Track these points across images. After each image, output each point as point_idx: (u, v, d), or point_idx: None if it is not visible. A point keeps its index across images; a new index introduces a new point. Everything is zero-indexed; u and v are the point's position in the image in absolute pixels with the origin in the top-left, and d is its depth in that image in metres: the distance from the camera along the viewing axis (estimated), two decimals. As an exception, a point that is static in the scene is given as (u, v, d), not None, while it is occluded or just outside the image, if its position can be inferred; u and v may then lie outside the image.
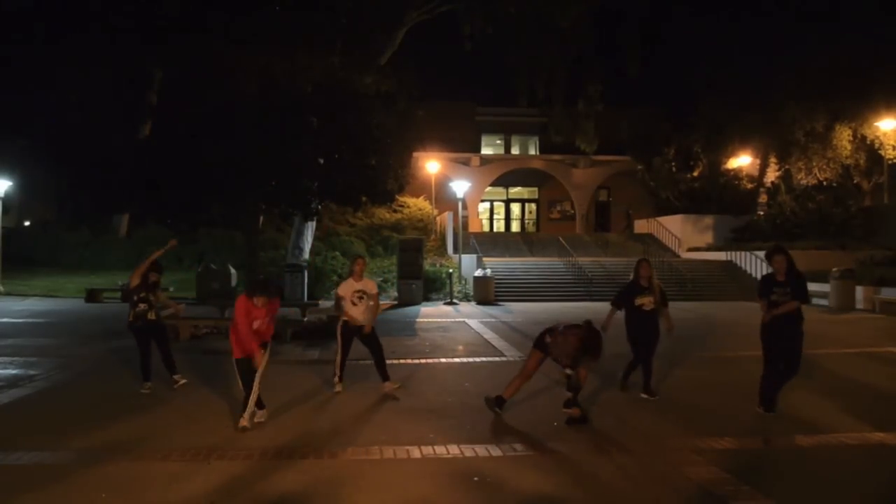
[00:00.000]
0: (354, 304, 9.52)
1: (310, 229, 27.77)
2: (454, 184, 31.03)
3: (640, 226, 42.96)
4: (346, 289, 9.66)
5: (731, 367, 11.78)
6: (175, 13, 16.09)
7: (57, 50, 19.83)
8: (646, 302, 9.45)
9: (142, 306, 9.78)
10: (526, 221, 50.80)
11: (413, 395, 9.56)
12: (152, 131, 16.22)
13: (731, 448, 7.05)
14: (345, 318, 9.59)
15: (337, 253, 31.27)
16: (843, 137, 33.64)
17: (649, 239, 39.21)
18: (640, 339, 9.62)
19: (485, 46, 28.75)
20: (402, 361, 12.50)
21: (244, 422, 7.71)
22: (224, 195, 15.11)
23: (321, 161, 15.85)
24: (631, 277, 9.72)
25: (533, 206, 50.70)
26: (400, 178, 17.95)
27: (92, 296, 24.73)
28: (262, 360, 8.02)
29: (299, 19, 16.55)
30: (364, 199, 17.01)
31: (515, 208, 51.24)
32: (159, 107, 16.29)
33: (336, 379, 9.80)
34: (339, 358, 9.77)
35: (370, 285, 9.79)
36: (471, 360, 12.90)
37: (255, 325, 8.01)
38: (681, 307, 23.83)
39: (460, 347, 14.42)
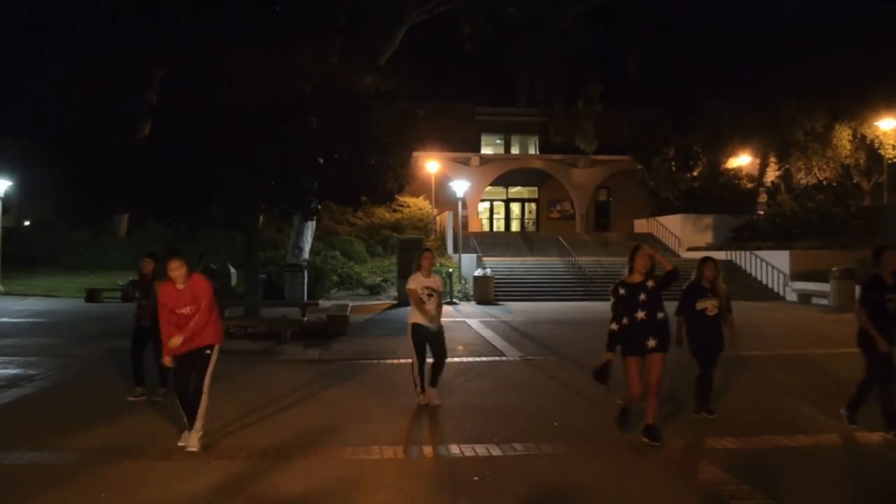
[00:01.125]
0: (423, 301, 8.90)
1: (310, 229, 27.76)
2: (454, 183, 31.04)
3: (640, 225, 42.98)
4: (417, 284, 9.01)
5: (730, 367, 11.79)
6: (175, 13, 16.05)
7: (56, 49, 19.79)
8: (709, 306, 8.27)
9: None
10: (526, 221, 50.77)
11: (413, 395, 9.55)
12: (152, 131, 16.17)
13: (732, 448, 7.05)
14: (413, 322, 8.98)
15: (337, 253, 31.31)
16: (843, 137, 33.60)
17: (649, 239, 39.18)
18: (702, 348, 8.36)
19: (485, 46, 28.74)
20: (402, 361, 12.50)
21: (192, 445, 6.81)
22: (224, 195, 15.07)
23: (321, 161, 15.82)
24: (691, 277, 8.52)
25: (533, 205, 50.66)
26: (400, 178, 17.90)
27: (92, 296, 24.74)
28: (168, 358, 6.98)
29: (299, 19, 16.53)
30: (364, 198, 16.96)
31: (515, 208, 51.21)
32: (159, 107, 16.22)
33: (418, 389, 8.97)
34: (415, 366, 8.96)
35: (438, 281, 9.16)
36: (471, 359, 12.90)
37: (180, 312, 6.96)
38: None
39: (460, 347, 14.42)
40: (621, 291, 7.28)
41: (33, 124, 19.88)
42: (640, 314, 7.06)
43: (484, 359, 12.90)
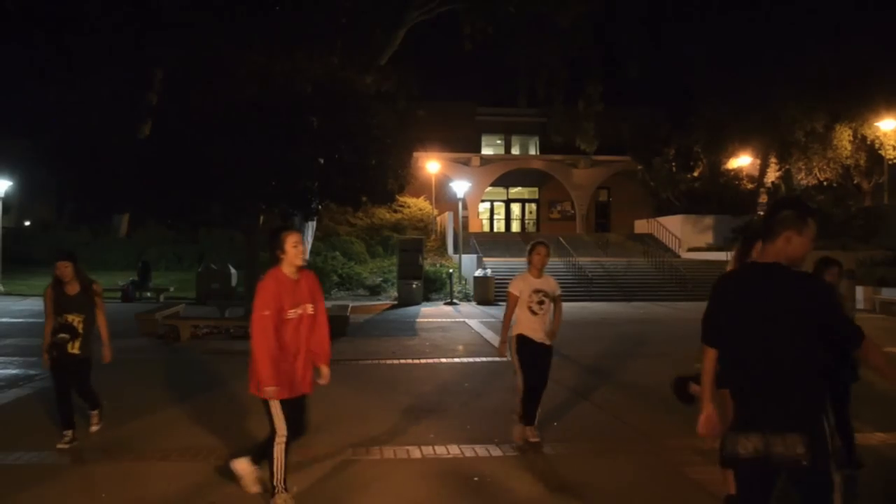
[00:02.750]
0: (534, 311, 7.04)
1: (310, 229, 27.75)
2: (454, 184, 31.07)
3: (641, 226, 42.99)
4: (524, 286, 7.15)
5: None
6: (175, 13, 16.07)
7: (57, 50, 19.81)
8: None
9: (62, 335, 7.09)
10: (526, 221, 50.81)
11: (413, 395, 9.55)
12: (152, 131, 16.19)
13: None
14: (520, 332, 7.08)
15: (337, 253, 31.33)
16: (844, 137, 33.64)
17: (649, 239, 39.24)
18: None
19: (485, 46, 28.76)
20: (402, 361, 12.52)
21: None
22: (224, 195, 15.08)
23: (321, 161, 15.83)
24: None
25: (533, 206, 50.71)
26: (400, 178, 17.92)
27: (92, 296, 24.69)
28: (272, 389, 5.12)
29: (299, 19, 16.54)
30: (364, 199, 16.98)
31: (515, 208, 51.25)
32: (159, 107, 16.25)
33: (517, 420, 7.09)
34: (520, 389, 7.03)
35: (553, 284, 7.29)
36: (471, 359, 12.91)
37: (295, 314, 5.25)
38: (681, 307, 23.86)
39: (460, 347, 14.43)
40: None
41: (34, 125, 19.91)
42: None
43: (484, 359, 12.89)
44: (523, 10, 26.08)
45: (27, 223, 46.46)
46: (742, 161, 39.39)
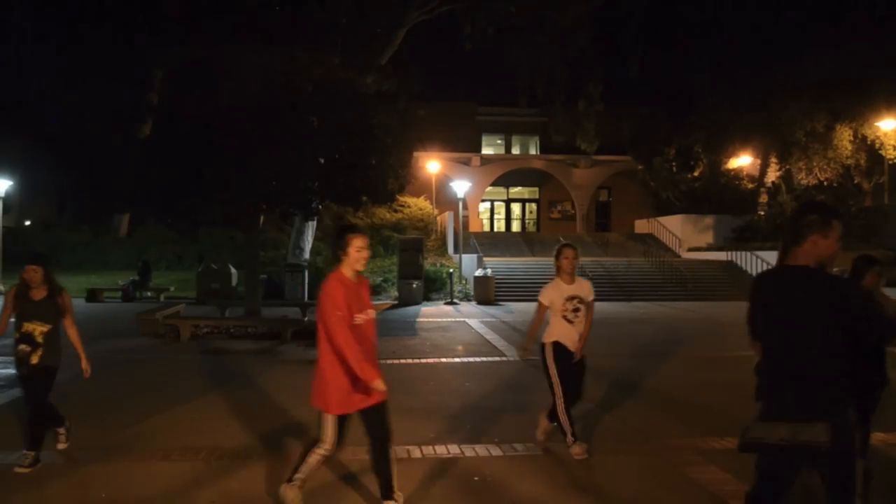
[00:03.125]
0: (569, 320, 6.60)
1: (310, 229, 27.78)
2: (455, 183, 31.06)
3: (641, 226, 43.02)
4: (555, 294, 6.70)
5: (731, 367, 11.78)
6: (175, 13, 16.09)
7: (57, 50, 19.84)
8: None
9: (22, 347, 6.65)
10: (526, 221, 50.81)
11: (413, 394, 9.54)
12: (152, 131, 16.19)
13: (731, 448, 7.04)
14: (554, 340, 6.67)
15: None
16: (844, 137, 33.65)
17: (650, 239, 39.27)
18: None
19: (485, 46, 28.76)
20: (402, 361, 12.51)
21: None
22: (224, 195, 15.09)
23: (321, 161, 15.85)
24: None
25: (533, 205, 50.71)
26: (400, 178, 17.93)
27: (92, 295, 24.75)
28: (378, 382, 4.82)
29: (300, 19, 16.55)
30: (365, 198, 17.00)
31: (516, 208, 51.24)
32: (159, 106, 16.25)
33: (570, 439, 6.60)
34: (560, 402, 6.60)
35: (587, 288, 6.81)
36: (471, 359, 12.90)
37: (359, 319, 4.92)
38: (681, 307, 23.85)
39: (461, 347, 14.42)
40: None
41: (35, 124, 19.96)
42: None
43: (484, 359, 12.88)
44: (523, 9, 26.08)
45: (27, 223, 46.48)
46: (742, 161, 39.40)
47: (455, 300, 25.64)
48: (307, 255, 27.52)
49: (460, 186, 30.42)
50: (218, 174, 14.46)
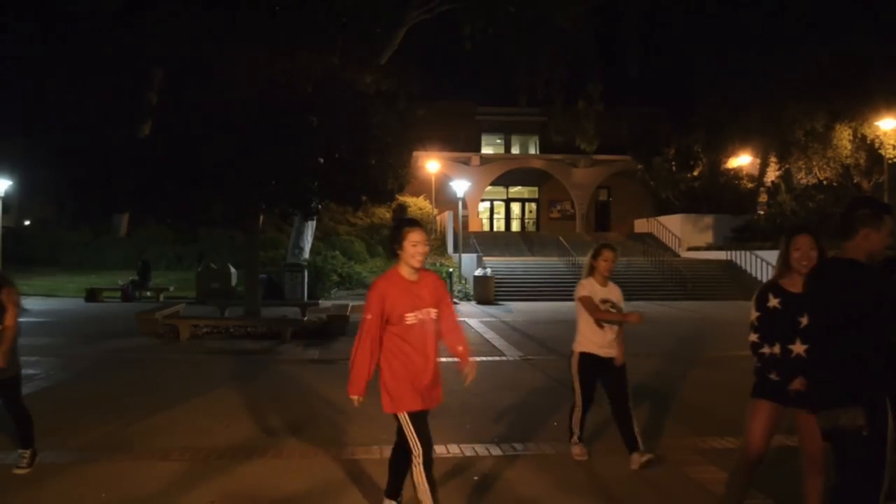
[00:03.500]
0: (600, 324, 6.35)
1: (310, 229, 27.78)
2: (454, 183, 31.05)
3: (640, 225, 43.05)
4: (592, 293, 6.42)
5: (731, 367, 11.78)
6: (175, 12, 16.06)
7: (56, 49, 19.81)
8: None
9: None
10: (526, 221, 50.80)
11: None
12: (152, 131, 16.18)
13: (731, 448, 7.04)
14: (583, 351, 6.42)
15: (337, 252, 31.31)
16: (844, 137, 33.62)
17: (649, 238, 39.29)
18: None
19: (485, 46, 28.71)
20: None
21: None
22: (224, 195, 15.08)
23: (321, 160, 15.84)
24: None
25: (533, 205, 50.71)
26: (400, 178, 17.92)
27: (92, 295, 24.76)
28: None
29: (300, 18, 16.54)
30: (364, 198, 17.00)
31: (515, 208, 51.24)
32: (159, 106, 16.24)
33: (574, 440, 6.61)
34: (577, 409, 6.52)
35: (617, 293, 6.54)
36: (471, 359, 12.87)
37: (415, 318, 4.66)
38: (681, 306, 23.87)
39: (460, 347, 14.39)
40: (772, 303, 4.65)
41: (34, 124, 19.93)
42: (798, 347, 4.47)
43: (484, 358, 12.87)
44: (523, 9, 26.06)
45: (27, 223, 46.48)
46: (742, 160, 39.42)
47: (455, 300, 25.64)
48: (307, 255, 27.53)
49: (460, 186, 30.41)
50: (217, 174, 14.44)
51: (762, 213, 37.73)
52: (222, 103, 14.30)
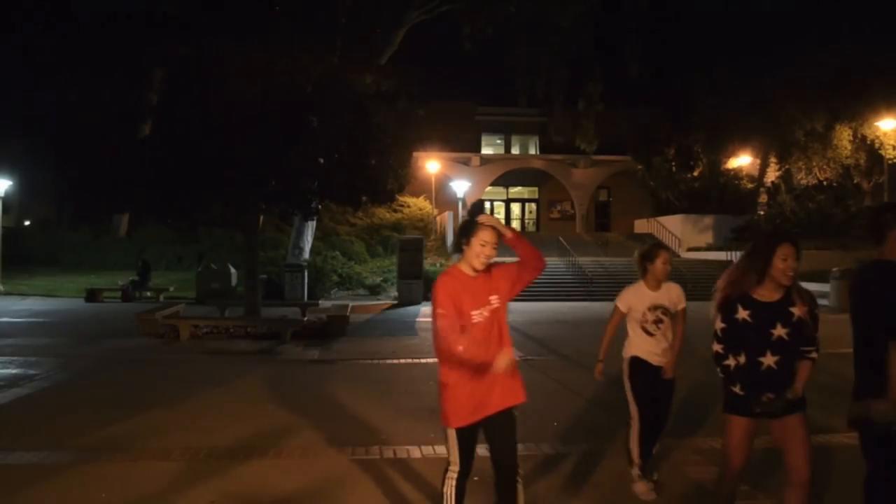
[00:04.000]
0: (649, 332, 5.80)
1: (310, 229, 27.78)
2: (454, 183, 31.13)
3: (640, 225, 43.04)
4: (636, 301, 5.88)
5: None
6: (175, 13, 16.08)
7: (56, 49, 19.84)
8: None
9: None
10: (526, 221, 50.84)
11: (413, 394, 9.55)
12: (152, 131, 16.18)
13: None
14: (634, 355, 5.87)
15: (337, 253, 31.29)
16: (844, 137, 33.67)
17: (649, 239, 39.09)
18: None
19: (485, 46, 28.75)
20: (402, 361, 12.52)
21: None
22: (224, 195, 15.08)
23: (321, 161, 15.83)
24: None
25: (533, 205, 50.75)
26: (400, 178, 17.93)
27: (92, 295, 24.74)
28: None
29: (300, 19, 16.55)
30: (364, 198, 16.99)
31: (515, 208, 51.27)
32: (159, 106, 16.24)
33: (636, 471, 5.77)
34: (635, 427, 5.77)
35: (675, 294, 5.99)
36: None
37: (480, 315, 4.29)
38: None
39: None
40: (741, 314, 4.31)
41: (34, 124, 19.94)
42: (769, 359, 4.20)
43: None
44: (523, 10, 26.08)
45: (27, 223, 46.48)
46: (742, 161, 39.45)
47: (455, 300, 25.58)
48: (307, 255, 27.53)
49: (460, 186, 30.47)
50: (217, 174, 14.44)
51: (762, 213, 37.73)
52: (222, 103, 14.29)
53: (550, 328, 17.62)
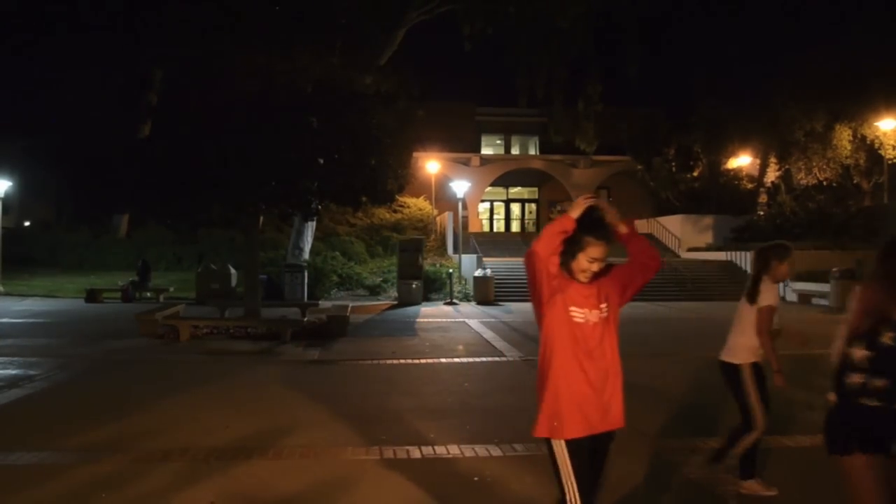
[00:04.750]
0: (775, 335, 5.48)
1: (310, 229, 27.80)
2: (454, 184, 31.09)
3: (640, 226, 42.91)
4: (774, 300, 5.50)
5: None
6: (174, 13, 16.08)
7: (56, 50, 19.88)
8: None
9: None
10: (526, 221, 50.88)
11: (413, 395, 9.55)
12: (152, 131, 16.20)
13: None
14: (755, 361, 5.52)
15: (337, 253, 31.31)
16: (843, 137, 33.70)
17: (649, 239, 39.21)
18: None
19: (485, 46, 28.80)
20: (402, 361, 12.52)
21: None
22: (224, 195, 15.07)
23: (321, 161, 15.82)
24: None
25: (533, 206, 50.77)
26: (400, 178, 17.90)
27: (92, 296, 24.74)
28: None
29: (300, 19, 16.54)
30: (364, 199, 16.98)
31: (515, 208, 51.30)
32: (159, 107, 16.24)
33: (755, 480, 5.59)
34: (754, 435, 5.49)
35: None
36: (471, 360, 12.89)
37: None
38: (681, 307, 23.87)
39: (460, 347, 14.42)
40: (886, 338, 3.58)
41: (33, 125, 20.00)
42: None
43: (484, 359, 12.89)
44: (523, 10, 26.07)
45: (27, 223, 46.48)
46: (742, 161, 39.48)
47: (455, 300, 25.64)
48: (307, 256, 27.54)
49: (460, 186, 30.44)
50: (217, 174, 14.44)
51: (762, 213, 37.74)
52: (221, 104, 14.30)
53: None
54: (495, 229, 49.70)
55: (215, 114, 14.41)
